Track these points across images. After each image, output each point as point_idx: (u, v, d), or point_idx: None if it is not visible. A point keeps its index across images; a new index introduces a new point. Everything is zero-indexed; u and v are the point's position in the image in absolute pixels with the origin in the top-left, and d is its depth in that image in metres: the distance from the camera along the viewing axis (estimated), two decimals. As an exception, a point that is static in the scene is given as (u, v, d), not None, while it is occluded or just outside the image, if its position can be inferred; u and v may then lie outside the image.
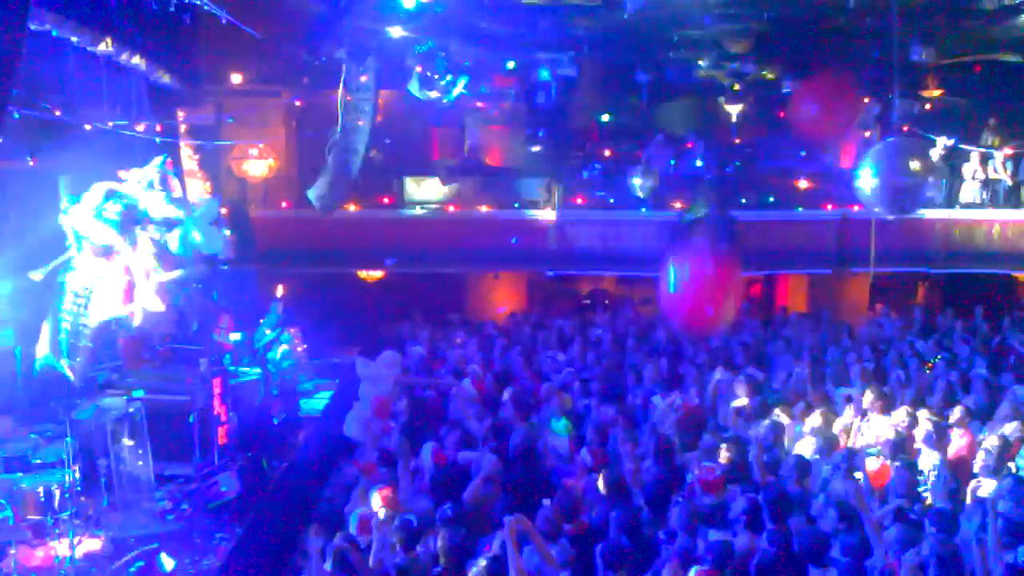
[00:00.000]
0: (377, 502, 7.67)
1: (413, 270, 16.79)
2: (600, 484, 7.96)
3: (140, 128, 12.16)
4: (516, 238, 16.65)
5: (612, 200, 17.24)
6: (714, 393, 10.94)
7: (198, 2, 12.11)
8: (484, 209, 17.10)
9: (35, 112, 10.11)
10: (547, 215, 16.90)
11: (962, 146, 16.40)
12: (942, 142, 16.12)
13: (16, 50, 4.98)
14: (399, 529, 7.16)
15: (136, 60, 12.20)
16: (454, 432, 9.42)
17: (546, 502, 7.46)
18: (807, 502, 7.98)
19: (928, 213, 16.14)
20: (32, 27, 8.45)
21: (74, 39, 10.63)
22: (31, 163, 10.68)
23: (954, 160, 16.87)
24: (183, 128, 14.75)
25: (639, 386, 11.43)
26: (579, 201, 17.44)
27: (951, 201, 16.83)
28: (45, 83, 10.49)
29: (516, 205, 17.19)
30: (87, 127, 11.37)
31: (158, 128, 12.94)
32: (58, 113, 10.74)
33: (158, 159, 10.65)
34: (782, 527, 7.10)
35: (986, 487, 8.10)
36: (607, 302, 18.29)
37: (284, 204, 17.04)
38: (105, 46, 11.08)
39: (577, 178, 17.91)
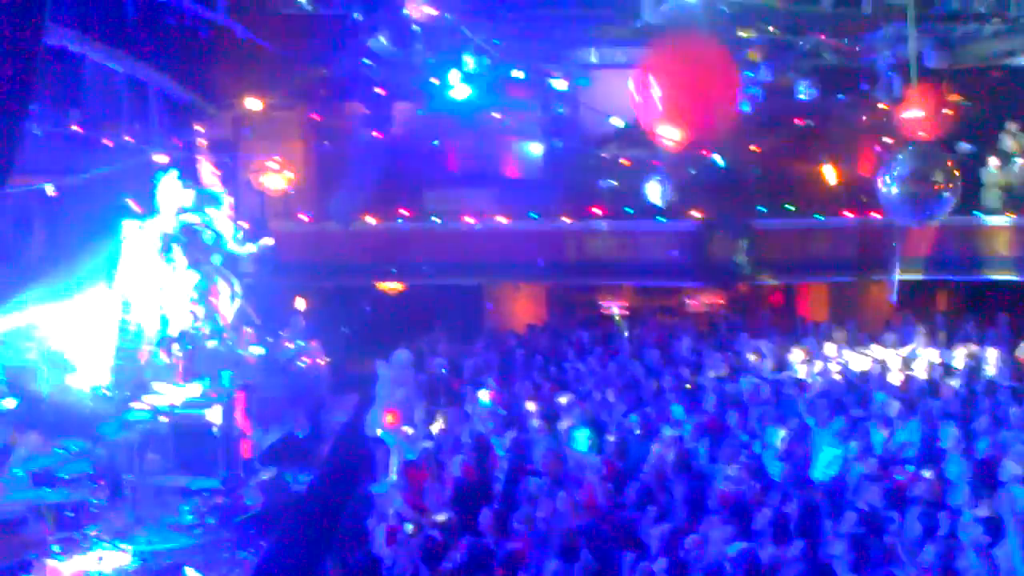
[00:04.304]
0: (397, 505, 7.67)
1: (432, 282, 16.78)
2: (628, 494, 7.96)
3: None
4: (535, 250, 16.64)
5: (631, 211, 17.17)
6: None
7: (215, 18, 12.22)
8: (502, 220, 17.09)
9: (55, 128, 10.22)
10: (565, 225, 16.90)
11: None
12: (961, 148, 16.04)
13: (33, 66, 5.00)
14: (421, 546, 7.14)
15: (154, 76, 12.30)
16: (474, 444, 9.43)
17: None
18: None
19: (949, 220, 16.04)
20: (50, 43, 8.53)
21: (92, 55, 10.74)
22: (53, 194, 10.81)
23: (974, 166, 16.76)
24: (201, 143, 14.84)
25: (660, 396, 11.40)
26: (597, 211, 17.39)
27: (972, 208, 16.72)
28: (64, 99, 10.59)
29: (533, 216, 17.17)
30: (106, 142, 11.50)
31: (177, 143, 13.06)
32: (77, 129, 10.86)
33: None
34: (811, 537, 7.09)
35: (1015, 496, 8.04)
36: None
37: (303, 217, 17.08)
38: (122, 62, 11.19)
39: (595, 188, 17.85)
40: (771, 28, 14.02)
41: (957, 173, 10.28)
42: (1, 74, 4.62)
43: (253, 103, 15.70)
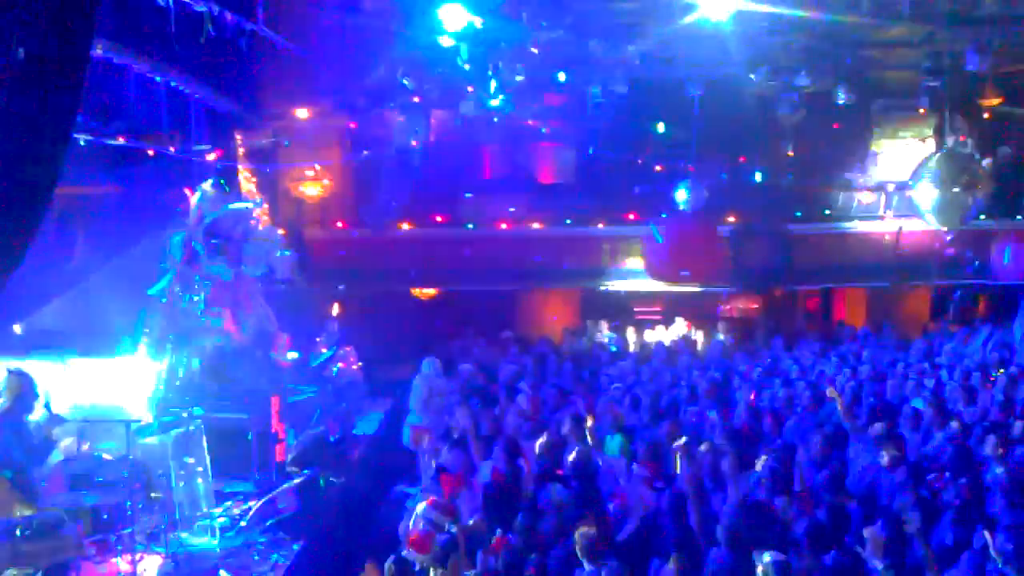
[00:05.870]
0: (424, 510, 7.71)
1: (466, 288, 16.85)
2: (664, 503, 7.93)
3: (209, 155, 12.53)
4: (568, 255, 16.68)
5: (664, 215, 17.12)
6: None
7: (255, 29, 12.39)
8: (536, 226, 17.12)
9: (99, 138, 10.42)
10: (598, 231, 16.91)
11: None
12: (1002, 152, 15.82)
13: (80, 77, 5.12)
14: (440, 547, 7.16)
15: (195, 86, 12.51)
16: (506, 450, 9.42)
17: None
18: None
19: (992, 224, 15.84)
20: (94, 55, 8.72)
21: (134, 66, 10.95)
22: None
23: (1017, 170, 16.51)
24: (241, 151, 15.04)
25: (693, 402, 11.33)
26: (631, 217, 17.36)
27: (1013, 211, 16.47)
28: (107, 110, 10.79)
29: (568, 222, 17.18)
30: (149, 152, 11.71)
31: (217, 152, 13.26)
32: (121, 139, 11.06)
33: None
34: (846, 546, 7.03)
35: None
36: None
37: (339, 224, 17.24)
38: (164, 73, 11.39)
39: (628, 194, 17.83)
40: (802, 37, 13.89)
41: (988, 178, 10.20)
42: (50, 86, 4.72)
43: (291, 112, 15.90)
